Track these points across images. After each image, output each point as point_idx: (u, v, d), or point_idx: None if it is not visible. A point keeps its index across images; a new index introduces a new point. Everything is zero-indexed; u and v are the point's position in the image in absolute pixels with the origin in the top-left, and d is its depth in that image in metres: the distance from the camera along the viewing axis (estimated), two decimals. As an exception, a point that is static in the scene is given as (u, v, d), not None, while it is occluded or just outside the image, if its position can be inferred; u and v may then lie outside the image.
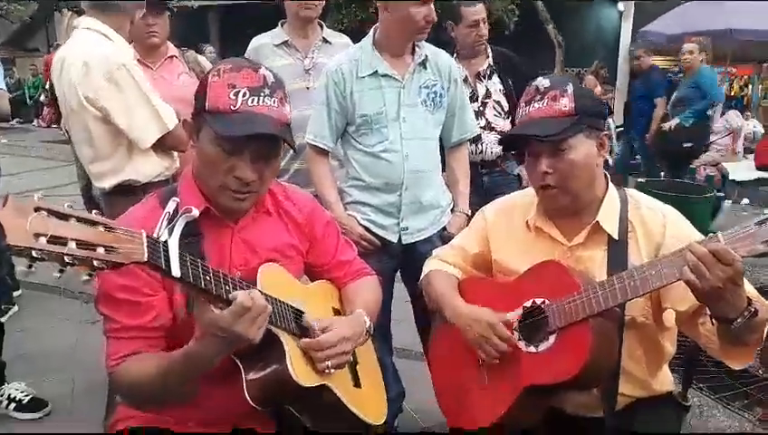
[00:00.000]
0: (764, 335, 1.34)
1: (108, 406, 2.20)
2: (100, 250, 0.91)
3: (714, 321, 1.32)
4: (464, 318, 1.59)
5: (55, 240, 0.86)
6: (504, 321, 1.51)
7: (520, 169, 3.09)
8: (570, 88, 1.48)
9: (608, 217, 1.52)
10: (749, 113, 9.26)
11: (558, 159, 1.47)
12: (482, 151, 2.97)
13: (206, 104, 1.28)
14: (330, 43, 2.69)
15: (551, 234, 1.58)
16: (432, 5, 2.15)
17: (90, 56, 2.16)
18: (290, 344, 1.28)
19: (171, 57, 2.84)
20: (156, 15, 2.68)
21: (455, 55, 2.98)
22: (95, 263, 0.90)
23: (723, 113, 8.16)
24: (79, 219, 0.90)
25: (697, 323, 1.43)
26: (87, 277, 1.17)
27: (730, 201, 6.74)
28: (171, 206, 1.11)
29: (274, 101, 1.31)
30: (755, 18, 7.33)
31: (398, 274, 2.44)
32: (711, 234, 1.26)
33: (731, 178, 7.21)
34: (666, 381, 1.62)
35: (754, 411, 2.83)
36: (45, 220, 0.86)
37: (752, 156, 7.65)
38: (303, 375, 1.27)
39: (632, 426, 1.51)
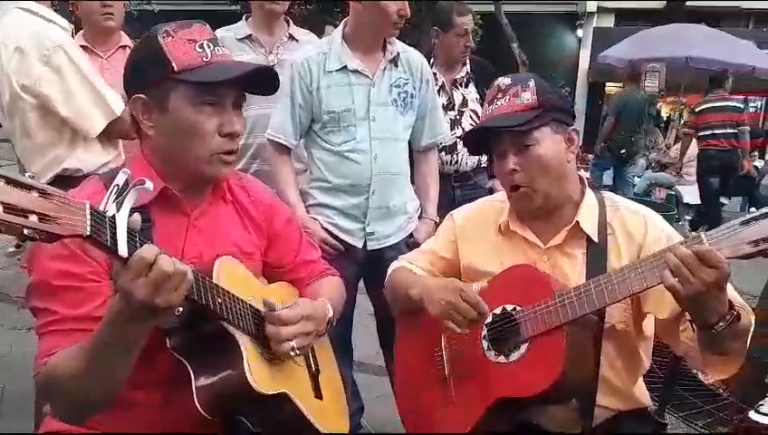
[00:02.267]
0: (747, 344, 1.28)
1: (36, 416, 1.99)
2: (33, 218, 0.77)
3: (694, 328, 1.25)
4: (429, 289, 1.47)
5: None
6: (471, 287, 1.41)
7: (492, 182, 3.03)
8: (531, 83, 1.44)
9: (587, 219, 1.46)
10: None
11: (525, 156, 1.41)
12: (457, 162, 2.87)
13: (173, 65, 1.16)
14: (296, 41, 2.58)
15: (525, 236, 1.51)
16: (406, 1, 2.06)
17: (21, 40, 1.97)
18: (247, 347, 1.15)
19: (124, 47, 2.67)
20: None
21: (431, 62, 2.90)
22: (26, 232, 0.76)
23: (677, 138, 8.43)
24: (8, 181, 0.76)
25: (678, 330, 1.37)
26: (14, 249, 0.99)
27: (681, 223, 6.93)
28: (121, 178, 0.94)
29: (230, 53, 1.25)
30: (711, 48, 7.58)
31: (361, 284, 2.32)
32: (693, 233, 1.19)
33: (684, 201, 7.40)
34: (643, 394, 1.56)
35: (717, 430, 2.82)
36: None
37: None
38: (262, 381, 1.13)
39: None
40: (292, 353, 1.22)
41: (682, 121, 9.19)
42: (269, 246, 1.44)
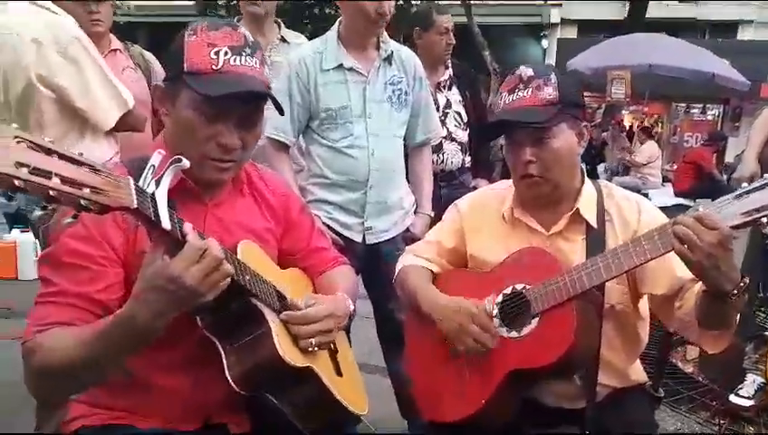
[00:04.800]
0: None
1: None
2: (86, 190, 0.81)
3: (700, 301, 1.31)
4: (440, 309, 1.52)
5: (39, 172, 0.75)
6: (483, 309, 1.46)
7: (476, 181, 3.11)
8: (553, 77, 1.47)
9: (586, 206, 1.52)
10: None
11: (541, 148, 1.46)
12: (443, 162, 2.93)
13: (185, 66, 1.18)
14: (287, 43, 2.63)
15: (528, 224, 1.56)
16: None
17: (38, 31, 1.98)
18: (275, 322, 1.19)
19: (115, 50, 2.67)
20: (98, 1, 2.52)
21: None
22: (82, 202, 0.80)
23: (641, 144, 8.73)
24: (62, 156, 0.80)
25: (674, 307, 1.44)
26: (71, 220, 1.01)
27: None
28: (156, 158, 0.99)
29: (256, 62, 1.23)
30: (672, 56, 7.85)
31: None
32: (690, 209, 1.27)
33: (653, 204, 7.62)
34: (640, 371, 1.63)
35: (700, 414, 2.93)
36: (27, 152, 0.76)
37: (670, 184, 8.12)
38: (290, 354, 1.18)
39: (610, 416, 1.50)
40: (310, 349, 1.26)
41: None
42: (284, 234, 1.48)
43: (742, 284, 1.24)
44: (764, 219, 1.19)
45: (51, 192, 0.76)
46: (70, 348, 1.06)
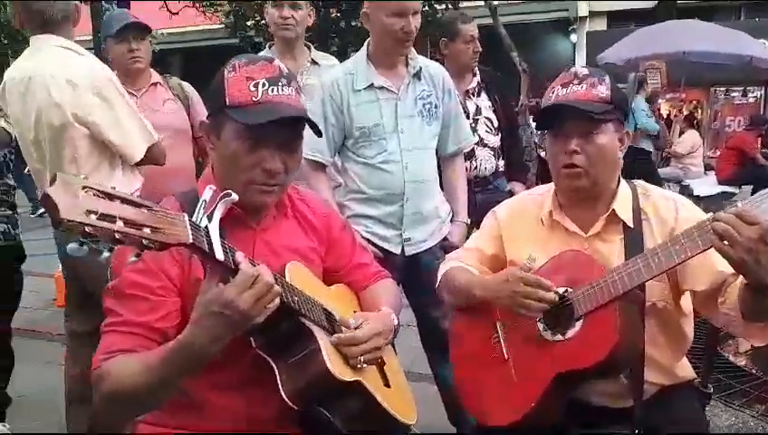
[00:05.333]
0: None
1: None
2: (147, 230, 0.89)
3: (743, 295, 1.31)
4: (492, 285, 1.55)
5: (105, 218, 0.84)
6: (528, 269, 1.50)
7: (512, 185, 3.13)
8: (607, 79, 1.52)
9: (622, 206, 1.54)
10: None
11: (588, 141, 1.49)
12: (476, 168, 2.96)
13: (227, 100, 1.26)
14: (318, 65, 2.72)
15: (566, 226, 1.59)
16: (410, 18, 2.15)
17: (72, 74, 2.13)
18: (324, 339, 1.26)
19: (155, 84, 2.81)
20: (139, 40, 2.67)
21: None
22: (144, 241, 0.88)
23: (681, 133, 8.54)
24: (123, 200, 0.89)
25: (717, 302, 1.44)
26: (135, 258, 1.12)
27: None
28: (208, 193, 1.07)
29: (292, 91, 1.30)
30: (707, 41, 7.67)
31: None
32: (728, 205, 1.28)
33: (695, 193, 7.47)
34: (687, 368, 1.63)
35: (755, 408, 2.87)
36: (93, 199, 0.84)
37: (712, 172, 7.92)
38: (339, 369, 1.24)
39: (659, 414, 1.50)
40: (359, 366, 1.32)
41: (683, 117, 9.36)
42: (327, 252, 1.55)
43: None
44: None
45: (116, 235, 0.84)
46: (136, 374, 1.14)
